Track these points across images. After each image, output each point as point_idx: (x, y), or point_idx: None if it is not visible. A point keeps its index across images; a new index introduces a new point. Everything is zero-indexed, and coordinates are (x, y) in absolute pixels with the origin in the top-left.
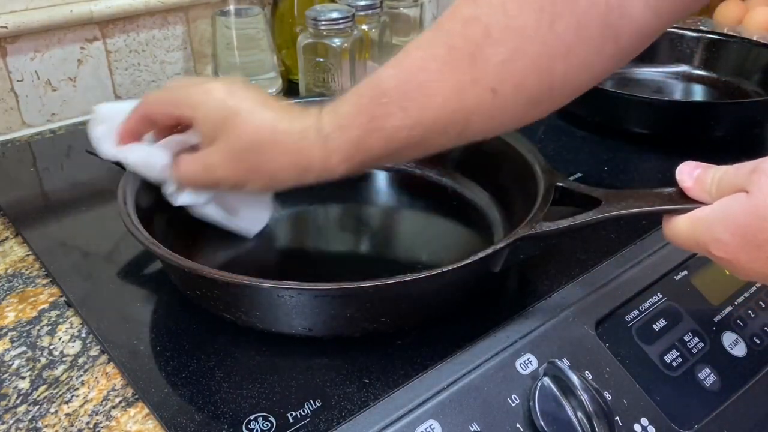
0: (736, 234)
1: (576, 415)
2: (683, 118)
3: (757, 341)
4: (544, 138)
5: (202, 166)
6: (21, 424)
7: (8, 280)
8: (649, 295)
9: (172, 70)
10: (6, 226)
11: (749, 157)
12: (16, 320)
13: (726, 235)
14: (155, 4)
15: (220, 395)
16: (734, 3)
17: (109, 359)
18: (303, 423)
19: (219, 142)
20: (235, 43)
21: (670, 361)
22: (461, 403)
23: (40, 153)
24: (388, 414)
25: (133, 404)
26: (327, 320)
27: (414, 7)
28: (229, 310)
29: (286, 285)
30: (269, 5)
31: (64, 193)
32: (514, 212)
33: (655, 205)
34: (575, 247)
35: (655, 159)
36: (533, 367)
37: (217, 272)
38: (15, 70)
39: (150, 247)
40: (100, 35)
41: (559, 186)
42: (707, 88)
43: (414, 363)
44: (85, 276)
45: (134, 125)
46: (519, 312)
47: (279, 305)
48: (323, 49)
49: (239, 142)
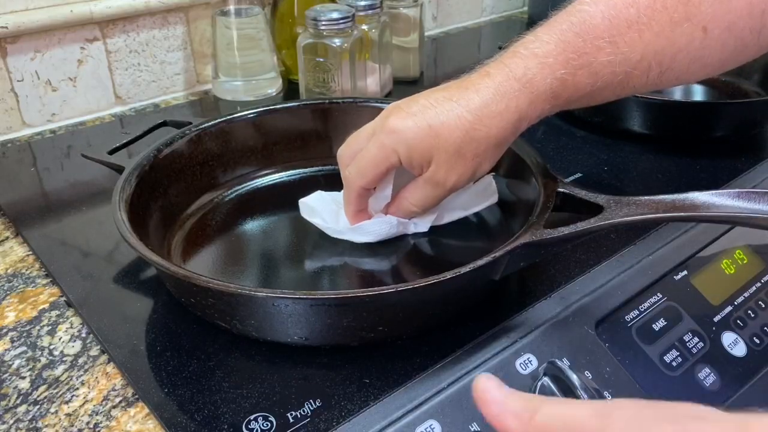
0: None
1: None
2: (683, 118)
3: (756, 341)
4: (544, 138)
5: (432, 187)
6: (21, 424)
7: (8, 280)
8: (649, 295)
9: (172, 70)
10: (6, 226)
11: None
12: (16, 320)
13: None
14: (155, 4)
15: (220, 395)
16: None
17: (109, 359)
18: (303, 423)
19: (435, 158)
20: (235, 43)
21: (670, 361)
22: (461, 403)
23: (40, 153)
24: (388, 414)
25: (133, 404)
26: (323, 329)
27: (414, 7)
28: (224, 319)
29: (281, 294)
30: (269, 5)
31: (64, 193)
32: (514, 218)
33: (658, 213)
34: (575, 247)
35: (655, 159)
36: (533, 367)
37: (211, 280)
38: (15, 70)
39: (144, 255)
40: (100, 35)
41: (561, 192)
42: (707, 88)
43: (414, 363)
44: (85, 276)
45: (359, 204)
46: (519, 312)
47: (274, 314)
48: (323, 49)
49: (452, 144)
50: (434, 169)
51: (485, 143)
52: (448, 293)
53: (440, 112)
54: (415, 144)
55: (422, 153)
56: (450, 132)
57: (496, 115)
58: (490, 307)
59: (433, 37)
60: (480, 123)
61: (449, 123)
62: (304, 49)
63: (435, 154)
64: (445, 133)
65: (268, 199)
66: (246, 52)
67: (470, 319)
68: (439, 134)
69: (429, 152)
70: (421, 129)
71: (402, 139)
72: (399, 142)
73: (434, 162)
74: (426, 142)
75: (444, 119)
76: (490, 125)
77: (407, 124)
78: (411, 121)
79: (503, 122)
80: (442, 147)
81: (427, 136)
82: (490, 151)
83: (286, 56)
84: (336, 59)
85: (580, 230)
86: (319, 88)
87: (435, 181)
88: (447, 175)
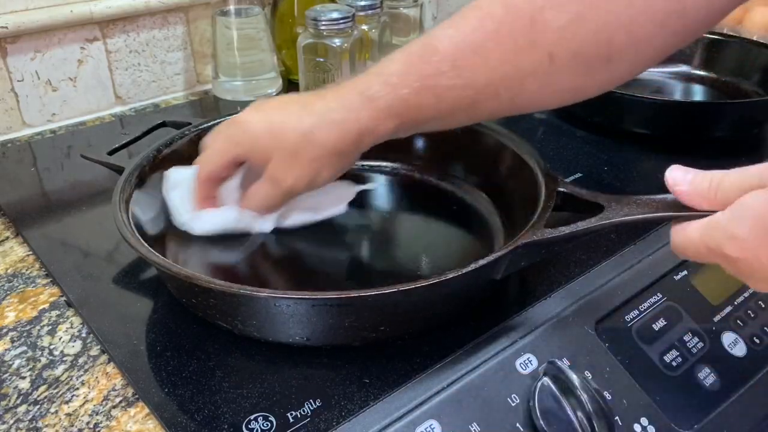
0: (756, 227)
1: (576, 415)
2: (683, 118)
3: (756, 341)
4: (544, 138)
5: (270, 185)
6: (21, 424)
7: (8, 280)
8: (649, 295)
9: (172, 70)
10: (6, 226)
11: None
12: (16, 320)
13: (744, 231)
14: (155, 4)
15: (220, 395)
16: None
17: (109, 359)
18: (303, 423)
19: (274, 156)
20: (235, 43)
21: (670, 361)
22: (461, 403)
23: (40, 153)
24: (388, 414)
25: (133, 404)
26: (324, 330)
27: (414, 7)
28: (225, 319)
29: (282, 294)
30: (269, 5)
31: (64, 193)
32: (515, 218)
33: (658, 212)
34: (575, 247)
35: (654, 159)
36: (533, 367)
37: (212, 281)
38: (15, 70)
39: (145, 256)
40: (101, 35)
41: (561, 191)
42: (707, 88)
43: (414, 363)
44: (85, 276)
45: (205, 191)
46: (519, 312)
47: (275, 315)
48: (323, 49)
49: (289, 144)
50: (272, 167)
51: (321, 149)
52: (450, 293)
53: (286, 113)
54: (256, 139)
55: (263, 149)
56: (288, 132)
57: (335, 124)
58: (490, 307)
59: None
60: (318, 129)
61: (290, 124)
62: (304, 49)
63: (274, 152)
64: (284, 133)
65: None
66: (246, 52)
67: (470, 319)
68: (279, 133)
69: (269, 149)
70: (264, 125)
71: (245, 131)
72: (243, 135)
73: (273, 160)
74: (266, 138)
75: (286, 120)
76: (329, 132)
77: (254, 119)
78: (257, 116)
79: (342, 132)
80: (280, 146)
81: (268, 133)
82: (327, 158)
83: (286, 56)
84: (336, 59)
85: (581, 230)
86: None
87: (273, 179)
88: (284, 175)
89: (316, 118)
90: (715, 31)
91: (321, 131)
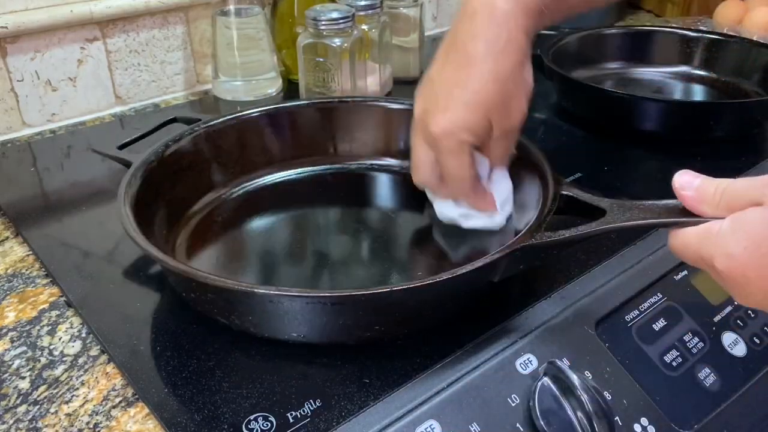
0: (749, 247)
1: (576, 415)
2: (683, 118)
3: (756, 341)
4: (544, 138)
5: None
6: (21, 424)
7: (8, 280)
8: (649, 295)
9: (172, 70)
10: (6, 226)
11: (749, 157)
12: (16, 320)
13: (738, 248)
14: (155, 4)
15: (220, 395)
16: (734, 3)
17: (109, 359)
18: (303, 423)
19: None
20: (235, 43)
21: (670, 361)
22: (461, 403)
23: (40, 153)
24: (388, 414)
25: (133, 404)
26: (320, 327)
27: (414, 7)
28: (223, 315)
29: (276, 291)
30: (269, 5)
31: (64, 193)
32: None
33: (660, 218)
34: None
35: (654, 159)
36: (533, 367)
37: (209, 276)
38: (15, 70)
39: (145, 248)
40: (100, 35)
41: (564, 194)
42: (707, 88)
43: (414, 363)
44: (85, 276)
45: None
46: (519, 312)
47: (272, 311)
48: (323, 49)
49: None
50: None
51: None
52: (445, 294)
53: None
54: (472, 124)
55: (481, 124)
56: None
57: (502, 50)
58: (490, 307)
59: (433, 37)
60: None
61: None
62: (304, 49)
63: (491, 115)
64: (486, 98)
65: (275, 197)
66: (246, 52)
67: (470, 319)
68: (482, 102)
69: (485, 120)
70: (468, 108)
71: (459, 130)
72: (460, 133)
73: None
74: (477, 116)
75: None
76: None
77: (455, 117)
78: (452, 114)
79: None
80: (492, 108)
81: (474, 113)
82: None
83: (286, 56)
84: (336, 59)
85: (582, 234)
86: (319, 88)
87: (506, 130)
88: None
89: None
90: (716, 31)
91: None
